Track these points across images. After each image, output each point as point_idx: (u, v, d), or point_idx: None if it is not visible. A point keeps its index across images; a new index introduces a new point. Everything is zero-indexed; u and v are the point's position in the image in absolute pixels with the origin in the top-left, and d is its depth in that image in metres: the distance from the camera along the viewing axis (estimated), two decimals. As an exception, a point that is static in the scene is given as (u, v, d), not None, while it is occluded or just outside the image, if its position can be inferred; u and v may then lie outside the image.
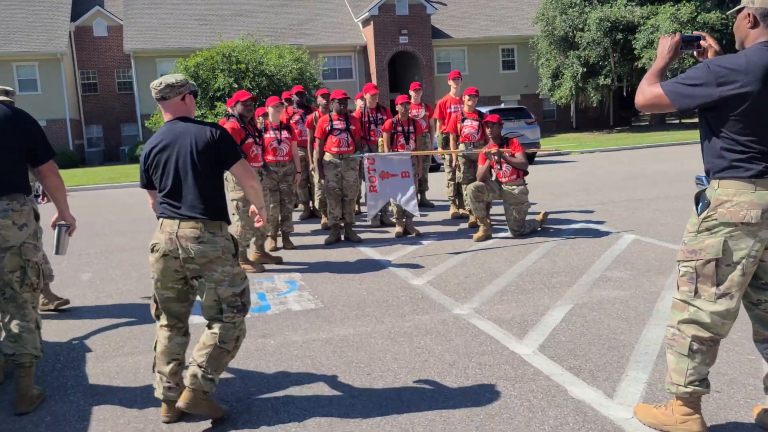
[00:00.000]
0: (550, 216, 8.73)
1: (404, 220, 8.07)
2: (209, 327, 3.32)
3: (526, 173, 7.58)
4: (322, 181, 8.38)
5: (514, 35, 35.46)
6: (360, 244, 7.62)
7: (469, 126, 8.29)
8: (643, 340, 4.05)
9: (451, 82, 9.07)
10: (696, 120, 35.82)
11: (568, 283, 5.49)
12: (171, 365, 3.36)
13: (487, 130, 7.55)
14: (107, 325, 5.04)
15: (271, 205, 7.09)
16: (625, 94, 34.25)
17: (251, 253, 6.86)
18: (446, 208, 9.75)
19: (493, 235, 7.65)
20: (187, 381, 3.24)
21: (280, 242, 7.68)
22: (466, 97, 8.31)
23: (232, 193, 6.56)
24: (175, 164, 3.28)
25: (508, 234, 7.66)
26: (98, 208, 13.16)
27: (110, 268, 7.14)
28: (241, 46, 24.32)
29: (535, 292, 5.29)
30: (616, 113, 37.45)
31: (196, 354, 3.27)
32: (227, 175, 6.63)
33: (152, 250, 3.29)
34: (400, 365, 3.89)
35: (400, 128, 8.10)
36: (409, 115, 8.35)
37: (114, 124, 34.67)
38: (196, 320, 4.17)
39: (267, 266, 6.69)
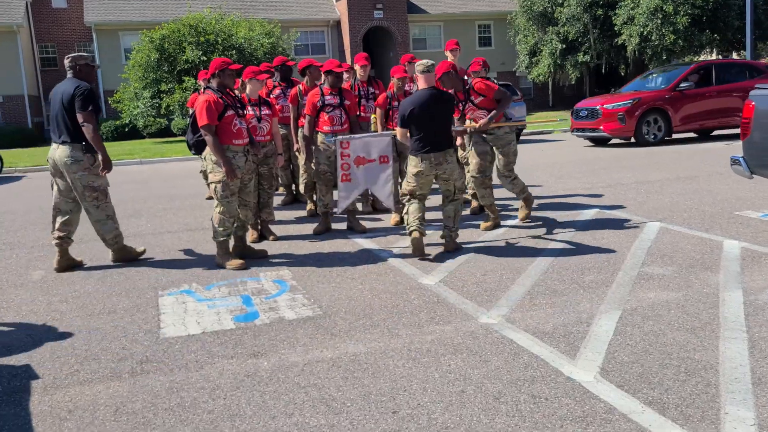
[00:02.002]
0: (560, 201, 8.00)
1: (401, 206, 7.24)
2: (445, 205, 5.82)
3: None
4: (309, 163, 7.52)
5: (492, 11, 34.59)
6: (354, 235, 6.78)
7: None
8: (726, 361, 3.31)
9: (448, 53, 8.16)
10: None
11: (605, 281, 4.74)
12: (420, 218, 5.60)
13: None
14: (60, 340, 4.14)
15: (250, 191, 6.17)
16: (603, 71, 33.73)
17: (231, 246, 5.98)
18: (441, 191, 8.96)
19: (502, 223, 6.88)
20: (444, 239, 5.86)
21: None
22: (473, 74, 7.44)
23: (210, 176, 5.67)
24: (433, 116, 5.51)
25: (518, 222, 6.89)
26: (56, 191, 12.06)
27: (67, 263, 6.18)
28: (209, 18, 23.05)
29: (570, 293, 4.53)
30: (592, 91, 36.92)
31: (445, 222, 5.83)
32: (205, 154, 5.72)
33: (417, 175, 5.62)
34: (432, 399, 3.09)
35: (395, 103, 7.23)
36: (405, 89, 7.49)
37: (75, 101, 32.99)
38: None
39: (250, 262, 5.82)
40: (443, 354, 3.60)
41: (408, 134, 5.61)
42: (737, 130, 15.06)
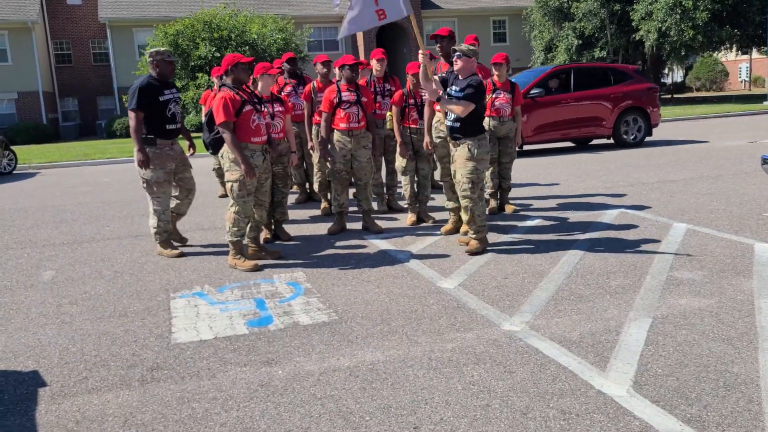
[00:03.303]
0: (582, 200, 7.80)
1: (417, 205, 7.09)
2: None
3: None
4: (323, 160, 7.37)
5: (507, 6, 34.30)
6: (370, 235, 6.62)
7: (501, 98, 7.32)
8: (768, 375, 3.13)
9: (465, 49, 8.00)
10: (689, 95, 34.38)
11: (632, 287, 4.55)
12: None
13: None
14: (69, 345, 4.02)
15: (266, 190, 6.02)
16: (620, 67, 33.31)
17: (246, 247, 5.84)
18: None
19: (522, 224, 6.70)
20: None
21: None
22: (494, 65, 7.31)
23: (227, 174, 5.53)
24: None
25: (538, 222, 6.71)
26: (69, 188, 12.01)
27: (78, 263, 6.08)
28: (223, 14, 22.99)
29: (596, 299, 4.34)
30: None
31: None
32: (223, 152, 5.57)
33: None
34: (456, 413, 2.93)
35: (411, 101, 7.06)
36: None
37: (90, 97, 33.09)
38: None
39: (263, 263, 5.69)
40: (465, 364, 3.43)
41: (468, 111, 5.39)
42: (606, 141, 14.05)
